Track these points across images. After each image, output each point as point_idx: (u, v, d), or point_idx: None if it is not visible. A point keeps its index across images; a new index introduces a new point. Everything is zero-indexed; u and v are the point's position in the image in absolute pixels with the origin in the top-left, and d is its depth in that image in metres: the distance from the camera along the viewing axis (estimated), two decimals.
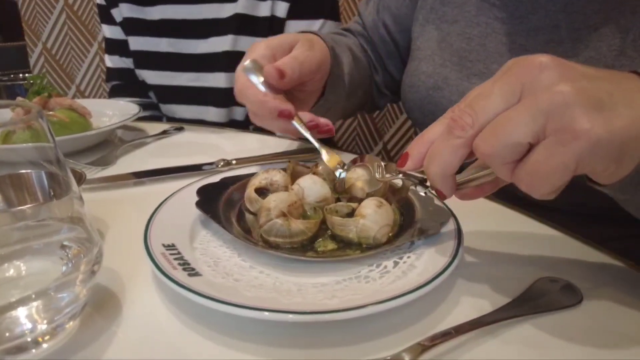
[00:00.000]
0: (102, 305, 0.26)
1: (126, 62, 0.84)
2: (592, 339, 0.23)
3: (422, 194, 0.29)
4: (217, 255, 0.29)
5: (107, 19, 0.84)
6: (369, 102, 0.61)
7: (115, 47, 0.85)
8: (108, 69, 0.89)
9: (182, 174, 0.45)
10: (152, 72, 0.81)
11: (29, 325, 0.22)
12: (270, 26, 0.74)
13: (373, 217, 0.27)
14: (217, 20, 0.74)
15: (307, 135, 0.39)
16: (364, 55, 0.58)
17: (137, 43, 0.80)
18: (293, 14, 0.73)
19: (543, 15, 0.41)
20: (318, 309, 0.22)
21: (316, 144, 0.39)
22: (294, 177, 0.35)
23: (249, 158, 0.48)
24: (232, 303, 0.22)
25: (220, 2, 0.74)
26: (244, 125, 0.82)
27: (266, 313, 0.22)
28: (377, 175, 0.30)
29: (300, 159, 0.48)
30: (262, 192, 0.33)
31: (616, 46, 0.37)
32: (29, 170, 0.27)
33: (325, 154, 0.38)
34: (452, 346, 0.22)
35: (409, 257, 0.27)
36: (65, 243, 0.24)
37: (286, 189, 0.33)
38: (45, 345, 0.22)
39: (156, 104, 0.85)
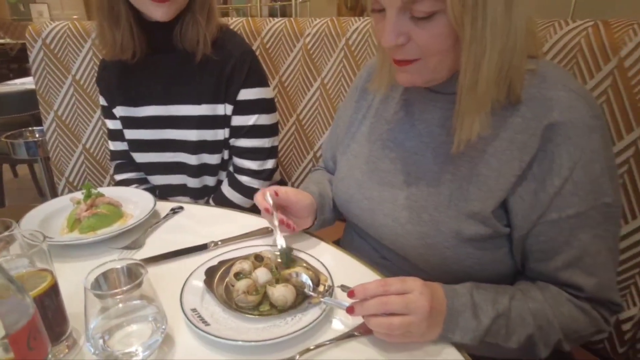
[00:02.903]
0: (165, 339, 0.56)
1: (125, 145, 1.13)
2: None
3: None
4: (213, 310, 0.60)
5: (110, 115, 1.12)
6: None
7: (116, 135, 1.14)
8: (111, 151, 1.18)
9: (188, 254, 0.75)
10: (142, 154, 1.10)
11: (140, 357, 0.52)
12: (224, 122, 1.04)
13: (279, 291, 0.58)
14: (187, 117, 1.04)
15: (276, 227, 0.72)
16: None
17: (130, 134, 1.09)
18: (235, 112, 1.04)
19: (415, 145, 0.71)
20: (252, 339, 0.53)
21: (278, 235, 0.71)
22: (255, 263, 0.66)
23: (229, 238, 0.79)
24: (217, 335, 0.53)
25: (188, 104, 1.03)
26: (213, 190, 1.12)
27: (229, 341, 0.53)
28: (309, 291, 0.60)
29: (259, 235, 0.79)
30: (238, 274, 0.64)
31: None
32: (118, 267, 0.56)
33: (279, 240, 0.70)
34: (314, 353, 0.54)
35: (299, 315, 0.58)
36: (150, 316, 0.54)
37: (250, 273, 0.64)
38: None
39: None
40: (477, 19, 0.54)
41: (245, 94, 1.02)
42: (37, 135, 1.77)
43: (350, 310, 0.55)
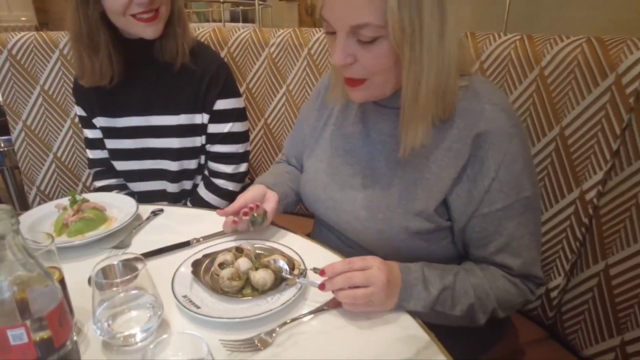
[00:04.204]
0: (161, 324, 0.64)
1: (105, 153, 1.19)
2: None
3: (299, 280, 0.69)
4: (202, 296, 0.69)
5: (89, 125, 1.17)
6: None
7: (96, 144, 1.19)
8: (91, 159, 1.23)
9: (174, 250, 0.83)
10: (123, 162, 1.16)
11: (138, 338, 0.60)
12: (201, 130, 1.12)
13: (259, 274, 0.68)
14: (166, 127, 1.11)
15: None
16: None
17: (111, 143, 1.15)
18: (211, 120, 1.12)
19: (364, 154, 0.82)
20: (235, 316, 0.63)
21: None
22: (236, 254, 0.75)
23: (209, 235, 0.87)
24: (208, 315, 0.62)
25: (167, 115, 1.10)
26: (190, 193, 1.20)
27: (219, 319, 0.62)
28: (285, 274, 0.70)
29: (237, 232, 0.88)
30: (222, 264, 0.73)
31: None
32: (119, 261, 0.64)
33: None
34: (291, 325, 0.64)
35: (277, 295, 0.68)
36: (148, 304, 0.62)
37: (232, 263, 0.73)
38: (143, 342, 0.61)
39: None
40: (415, 44, 0.63)
41: (221, 104, 1.10)
42: (2, 145, 1.76)
43: (321, 286, 0.66)
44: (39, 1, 6.19)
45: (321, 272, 0.66)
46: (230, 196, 1.19)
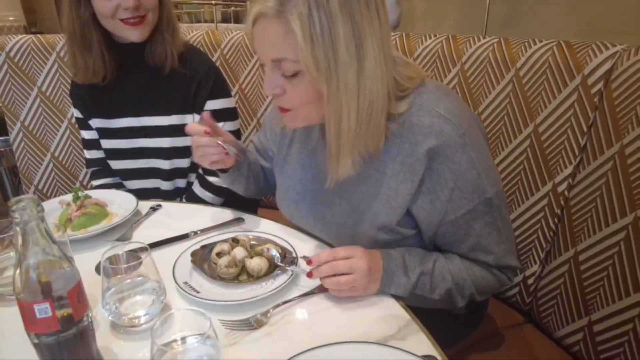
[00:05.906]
0: (163, 308, 0.70)
1: (101, 153, 1.23)
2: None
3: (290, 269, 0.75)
4: (201, 283, 0.74)
5: (85, 126, 1.22)
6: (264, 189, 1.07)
7: (92, 144, 1.24)
8: (87, 159, 1.27)
9: (173, 242, 0.88)
10: (118, 161, 1.21)
11: (142, 320, 0.65)
12: None
13: (255, 261, 0.74)
14: (159, 127, 1.16)
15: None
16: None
17: (106, 143, 1.20)
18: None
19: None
20: (233, 299, 0.69)
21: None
22: (232, 244, 0.81)
23: (206, 228, 0.93)
24: (207, 299, 0.68)
25: (159, 115, 1.15)
26: (184, 190, 1.25)
27: (218, 302, 0.68)
28: (278, 262, 0.76)
29: (229, 226, 0.94)
30: (219, 254, 0.79)
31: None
32: (120, 253, 0.69)
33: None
34: (284, 307, 0.69)
35: (271, 281, 0.74)
36: (151, 289, 0.68)
37: (229, 253, 0.78)
38: (147, 324, 0.66)
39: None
40: (331, 81, 0.64)
41: (211, 105, 1.15)
42: (0, 145, 1.80)
43: (309, 274, 0.71)
44: (27, 1, 6.17)
45: (309, 261, 0.72)
46: (224, 193, 1.24)
